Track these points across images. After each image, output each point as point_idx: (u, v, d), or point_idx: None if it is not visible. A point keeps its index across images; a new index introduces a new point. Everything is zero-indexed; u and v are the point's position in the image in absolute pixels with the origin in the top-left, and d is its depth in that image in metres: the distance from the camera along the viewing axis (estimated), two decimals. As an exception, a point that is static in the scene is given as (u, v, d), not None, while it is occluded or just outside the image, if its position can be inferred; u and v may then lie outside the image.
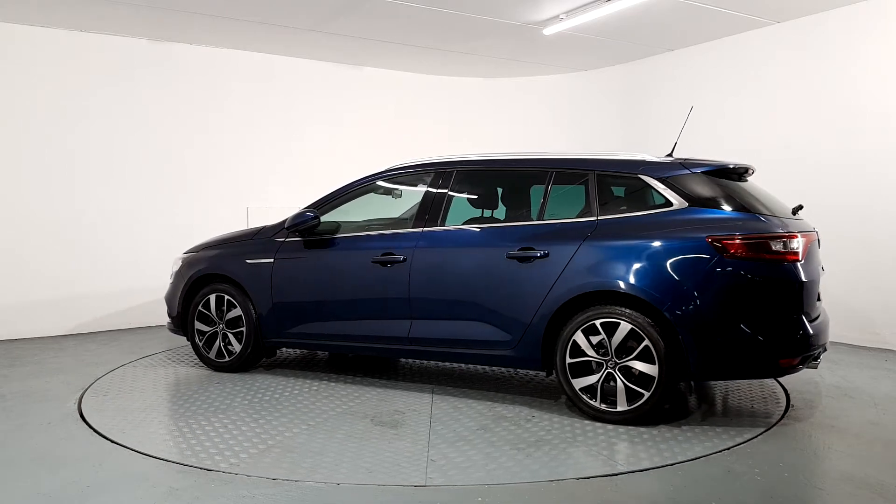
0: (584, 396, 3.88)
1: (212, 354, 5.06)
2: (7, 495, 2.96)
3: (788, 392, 4.54)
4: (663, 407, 3.85)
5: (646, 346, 3.69)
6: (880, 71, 5.82)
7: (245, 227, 6.65)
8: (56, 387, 4.72)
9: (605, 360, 3.81)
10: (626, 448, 3.51)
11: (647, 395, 3.70)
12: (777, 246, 3.62)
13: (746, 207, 3.78)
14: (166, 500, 2.90)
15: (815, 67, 6.29)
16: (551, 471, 3.23)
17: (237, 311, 4.92)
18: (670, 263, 3.69)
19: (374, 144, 8.28)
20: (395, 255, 4.40)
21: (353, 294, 4.59)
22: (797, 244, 3.67)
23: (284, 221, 4.84)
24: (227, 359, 5.02)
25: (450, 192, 4.48)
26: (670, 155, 4.31)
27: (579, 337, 3.85)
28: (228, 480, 3.10)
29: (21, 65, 6.40)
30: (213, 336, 5.06)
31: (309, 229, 4.73)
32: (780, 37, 6.53)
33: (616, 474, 3.17)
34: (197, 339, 5.11)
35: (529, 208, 4.47)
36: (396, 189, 5.13)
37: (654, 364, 3.67)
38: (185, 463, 3.31)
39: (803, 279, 3.66)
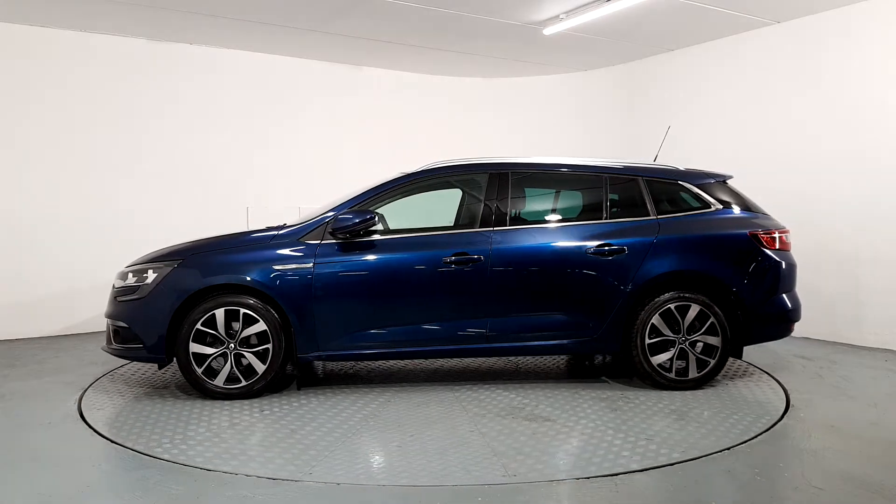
0: (661, 371, 4.53)
1: (219, 381, 4.30)
2: (7, 495, 2.96)
3: (788, 392, 4.54)
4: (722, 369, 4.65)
5: (712, 323, 4.50)
6: (880, 70, 5.82)
7: (241, 228, 6.62)
8: (56, 387, 4.72)
9: (677, 338, 4.50)
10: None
11: (712, 362, 4.55)
12: (785, 237, 4.75)
13: (755, 208, 4.85)
14: (166, 500, 2.90)
15: (814, 67, 6.29)
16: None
17: (258, 327, 4.29)
18: (728, 253, 4.60)
19: (373, 144, 8.28)
20: (469, 255, 4.44)
21: (421, 296, 4.47)
22: (790, 237, 4.82)
23: (320, 221, 4.47)
24: (245, 383, 4.31)
25: (511, 194, 4.66)
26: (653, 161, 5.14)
27: (657, 319, 4.51)
28: (228, 480, 3.10)
29: (20, 65, 6.40)
30: (217, 359, 4.35)
31: (362, 231, 4.41)
32: (780, 37, 6.53)
33: (616, 474, 3.17)
34: (195, 366, 4.30)
35: (591, 209, 4.79)
36: (437, 188, 5.00)
37: (718, 336, 4.52)
38: (186, 463, 3.31)
39: (795, 262, 4.78)
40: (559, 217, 4.87)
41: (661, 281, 4.53)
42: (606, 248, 4.52)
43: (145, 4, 5.86)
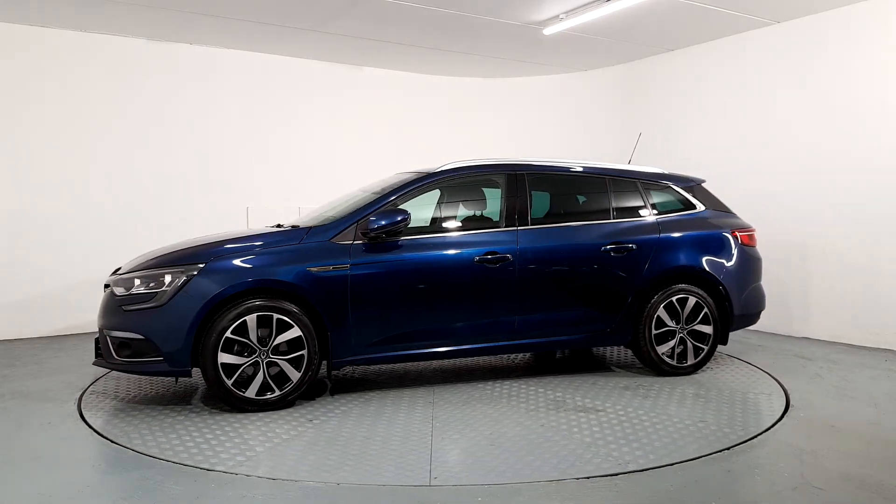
0: (665, 359, 4.92)
1: (250, 392, 4.00)
2: (7, 495, 2.96)
3: (788, 392, 4.54)
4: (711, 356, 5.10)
5: (705, 313, 4.96)
6: (879, 71, 5.82)
7: (240, 228, 6.61)
8: (56, 387, 4.72)
9: (677, 328, 4.92)
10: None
11: (706, 348, 5.02)
12: (754, 235, 5.32)
13: (727, 208, 5.38)
14: (166, 500, 2.90)
15: (814, 67, 6.29)
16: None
17: (292, 333, 4.07)
18: (716, 249, 5.08)
19: (373, 144, 8.29)
20: (500, 253, 4.53)
21: (457, 296, 4.48)
22: (756, 234, 5.36)
23: (350, 220, 4.34)
24: (278, 392, 4.06)
25: (528, 193, 4.81)
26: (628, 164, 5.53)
27: (661, 312, 4.89)
28: (228, 480, 3.10)
29: (20, 65, 6.40)
30: (247, 369, 4.05)
31: (396, 231, 4.32)
32: (780, 37, 6.53)
33: (616, 474, 3.17)
34: (224, 377, 3.97)
35: (600, 209, 5.02)
36: (458, 188, 4.99)
37: (710, 325, 4.98)
38: (185, 463, 3.31)
39: (761, 257, 5.34)
40: (575, 216, 5.04)
41: (665, 276, 4.91)
42: (620, 246, 4.83)
43: (145, 4, 5.86)
